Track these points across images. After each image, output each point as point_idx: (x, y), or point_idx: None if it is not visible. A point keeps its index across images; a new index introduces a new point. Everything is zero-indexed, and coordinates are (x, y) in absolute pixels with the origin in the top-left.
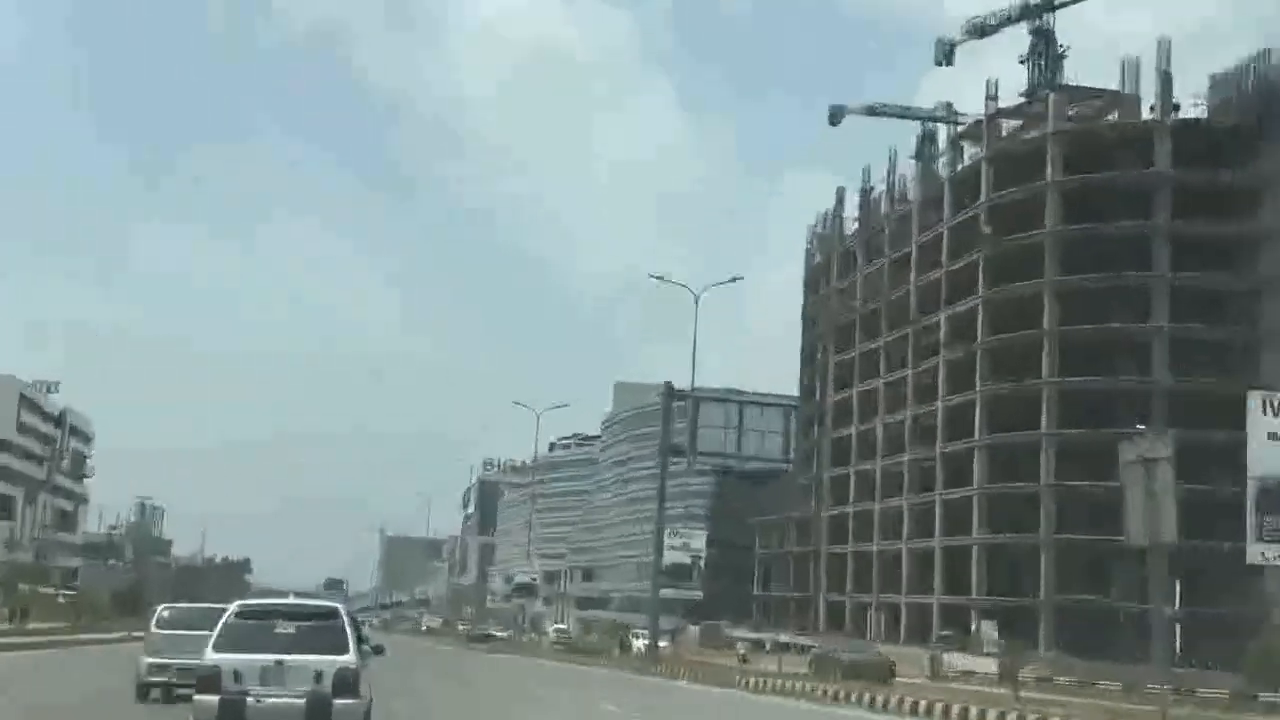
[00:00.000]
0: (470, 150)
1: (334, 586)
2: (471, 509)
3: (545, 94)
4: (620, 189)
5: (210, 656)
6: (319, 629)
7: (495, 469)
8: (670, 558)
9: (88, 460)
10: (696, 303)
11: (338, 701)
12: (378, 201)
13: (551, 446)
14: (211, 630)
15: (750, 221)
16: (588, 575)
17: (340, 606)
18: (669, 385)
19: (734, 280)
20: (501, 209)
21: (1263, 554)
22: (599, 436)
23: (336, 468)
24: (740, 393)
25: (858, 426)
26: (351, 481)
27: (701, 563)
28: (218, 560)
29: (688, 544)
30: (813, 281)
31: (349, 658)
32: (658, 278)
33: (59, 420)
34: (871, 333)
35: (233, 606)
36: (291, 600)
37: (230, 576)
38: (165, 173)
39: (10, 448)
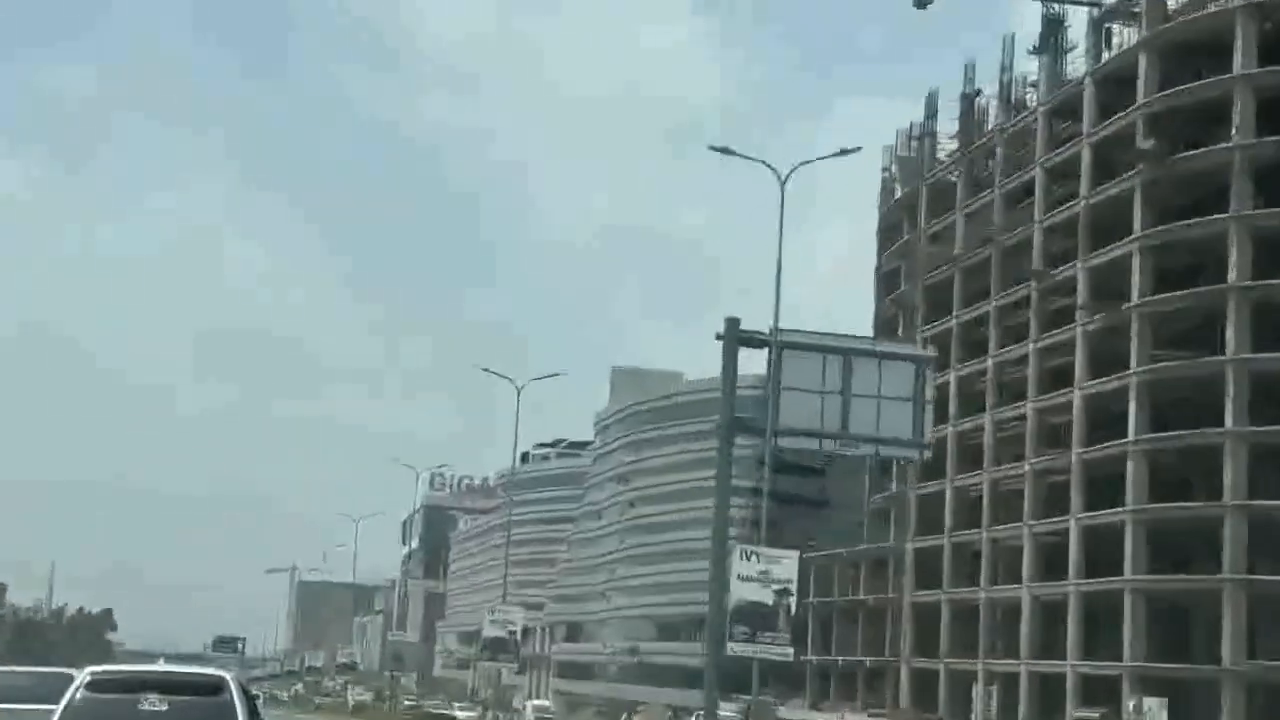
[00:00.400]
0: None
1: (226, 646)
2: (414, 544)
3: None
4: (606, 117)
5: None
6: (200, 707)
7: (447, 488)
8: (742, 592)
9: None
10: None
11: None
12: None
13: (526, 457)
14: (47, 704)
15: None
16: (573, 633)
17: (228, 675)
18: (733, 323)
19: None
20: (445, 141)
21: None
22: (590, 443)
23: (228, 487)
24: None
25: (954, 424)
26: (247, 507)
27: (790, 603)
28: (69, 612)
29: (769, 572)
30: (890, 227)
31: None
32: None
33: None
34: (976, 294)
35: (82, 675)
36: (163, 667)
37: (85, 634)
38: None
39: None
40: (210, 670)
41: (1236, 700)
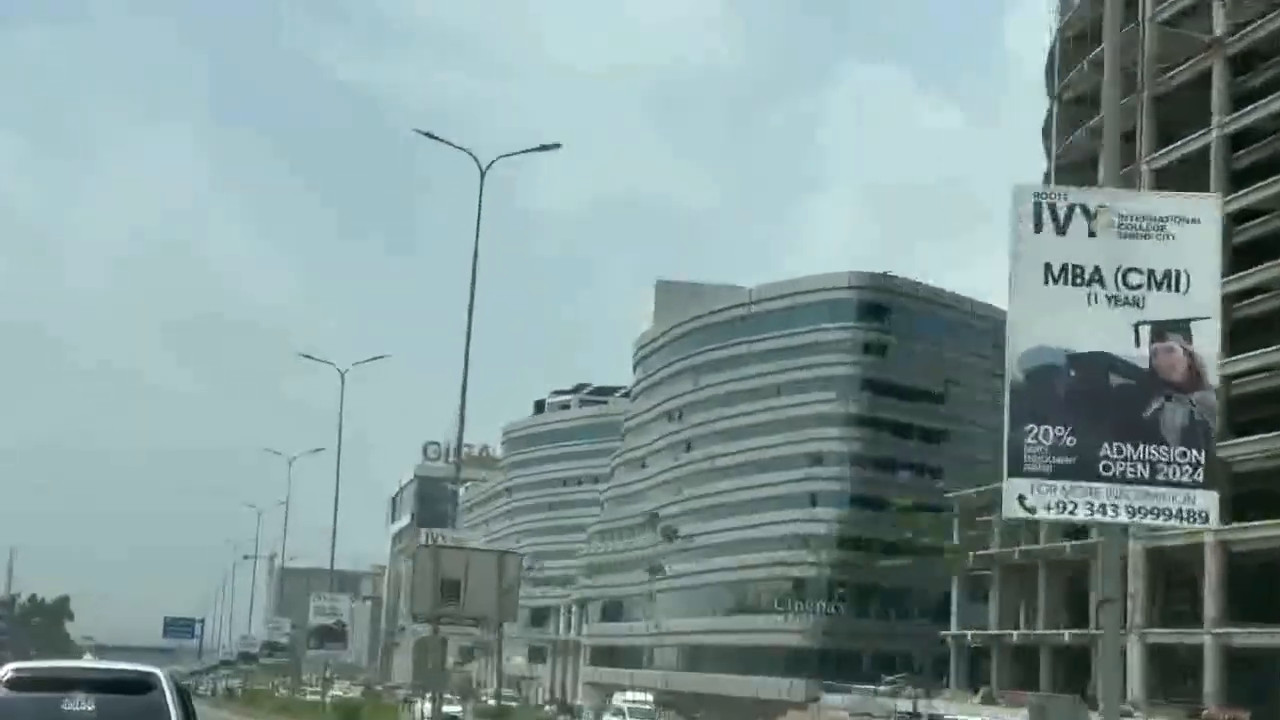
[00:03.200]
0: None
1: (180, 629)
2: (406, 520)
3: None
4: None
5: None
6: (129, 706)
7: (442, 458)
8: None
9: None
10: None
11: None
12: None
13: (540, 406)
14: None
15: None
16: (612, 611)
17: (160, 672)
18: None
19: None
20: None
21: None
22: (617, 388)
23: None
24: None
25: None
26: (219, 487)
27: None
28: (22, 600)
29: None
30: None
31: None
32: None
33: None
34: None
35: (2, 673)
36: (89, 663)
37: (41, 624)
38: None
39: None
40: (140, 666)
41: None
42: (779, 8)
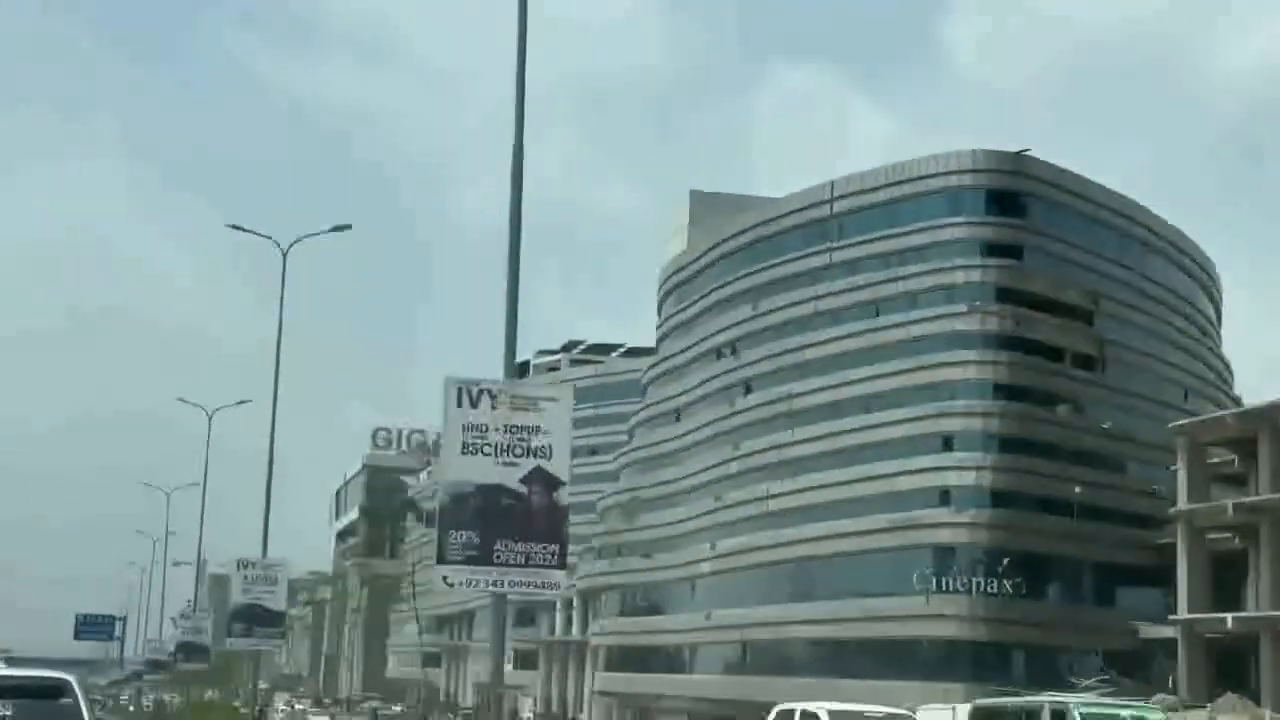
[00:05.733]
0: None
1: (94, 629)
2: (355, 514)
3: None
4: None
5: None
6: (43, 710)
7: (394, 444)
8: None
9: None
10: None
11: None
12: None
13: (525, 369)
14: None
15: None
16: (636, 601)
17: (72, 678)
18: None
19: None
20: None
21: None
22: (617, 346)
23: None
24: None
25: None
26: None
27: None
28: None
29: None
30: None
31: None
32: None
33: None
34: None
35: None
36: (3, 671)
37: None
38: None
39: None
40: (53, 673)
41: None
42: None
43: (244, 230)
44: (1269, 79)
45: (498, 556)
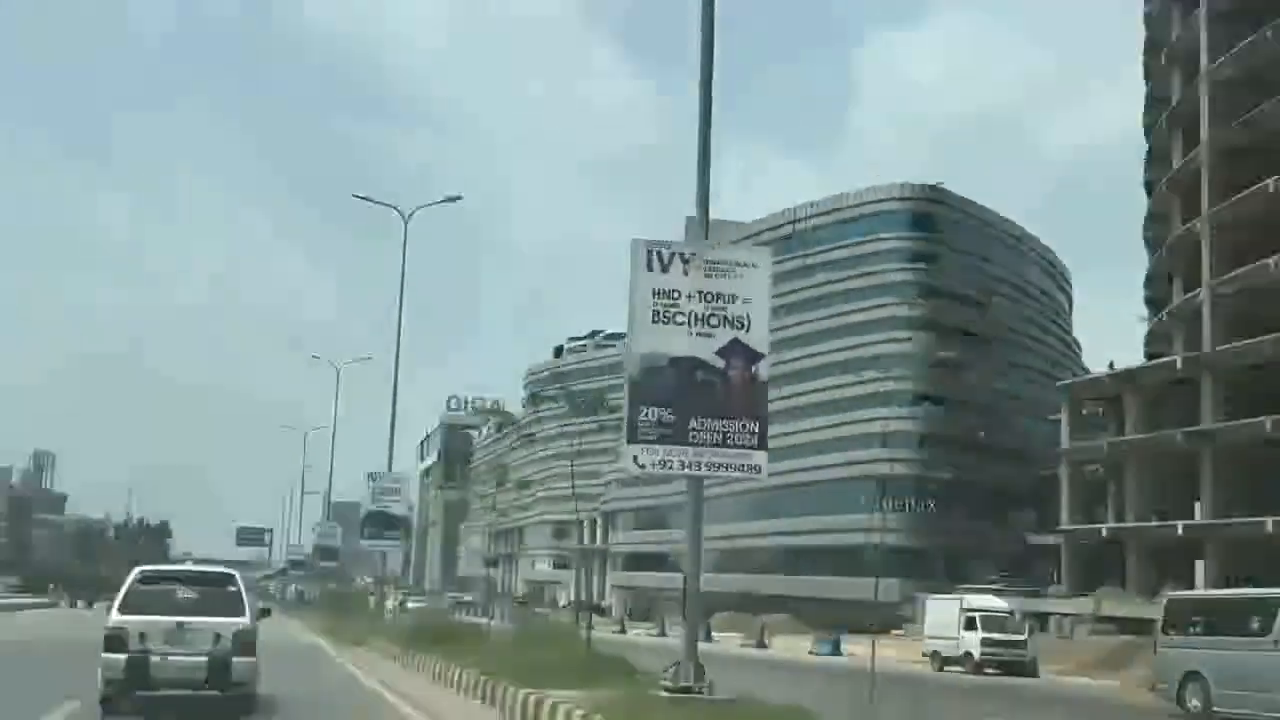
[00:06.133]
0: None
1: (250, 536)
2: (435, 458)
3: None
4: None
5: (115, 619)
6: (217, 595)
7: (462, 407)
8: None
9: None
10: None
11: (237, 660)
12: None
13: (559, 352)
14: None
15: None
16: (644, 521)
17: (235, 573)
18: None
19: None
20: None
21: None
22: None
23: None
24: None
25: None
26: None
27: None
28: (133, 523)
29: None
30: None
31: (245, 620)
32: None
33: None
34: None
35: (134, 573)
36: (190, 567)
37: (146, 543)
38: None
39: None
40: (222, 569)
41: None
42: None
43: (369, 200)
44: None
45: (694, 435)
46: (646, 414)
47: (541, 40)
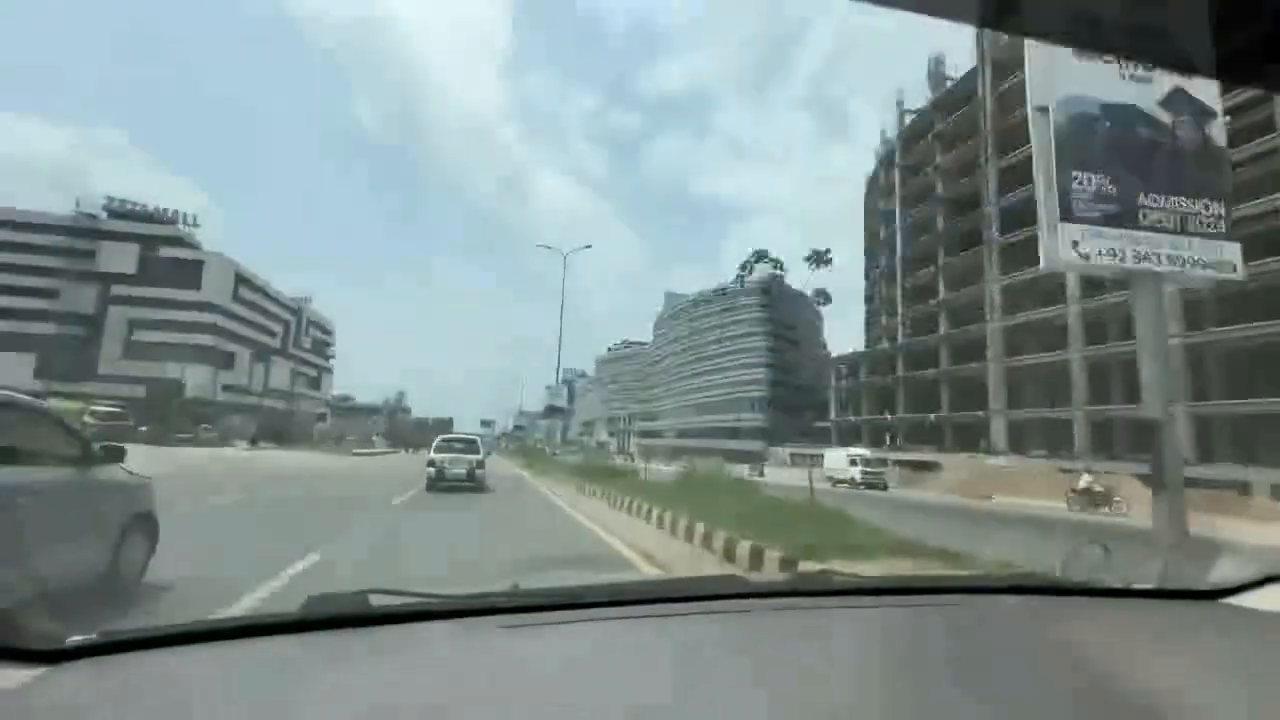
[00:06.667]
0: None
1: (486, 426)
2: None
3: None
4: None
5: (430, 455)
6: (470, 445)
7: (573, 373)
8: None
9: (330, 346)
10: None
11: (477, 471)
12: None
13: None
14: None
15: None
16: (648, 417)
17: (477, 438)
18: None
19: None
20: None
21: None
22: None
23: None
24: None
25: None
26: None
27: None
28: (437, 419)
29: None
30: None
31: (480, 456)
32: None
33: (295, 310)
34: None
35: (437, 439)
36: (458, 434)
37: (442, 426)
38: None
39: (220, 310)
40: (471, 435)
41: None
42: None
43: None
44: None
45: (1145, 215)
46: (1083, 182)
47: None
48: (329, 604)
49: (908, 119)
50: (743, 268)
